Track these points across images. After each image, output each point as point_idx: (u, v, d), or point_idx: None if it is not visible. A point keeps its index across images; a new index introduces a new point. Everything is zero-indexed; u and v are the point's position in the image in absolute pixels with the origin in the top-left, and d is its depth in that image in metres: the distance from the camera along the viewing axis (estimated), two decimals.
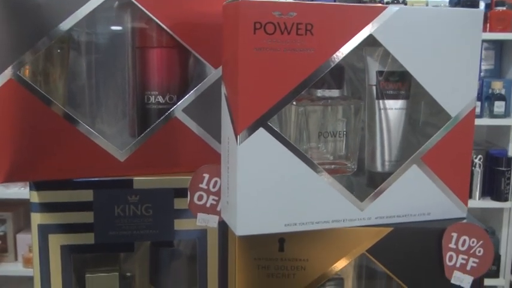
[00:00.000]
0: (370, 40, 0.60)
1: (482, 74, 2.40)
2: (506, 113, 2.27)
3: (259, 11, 0.55)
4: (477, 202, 2.28)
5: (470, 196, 2.21)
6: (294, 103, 0.62)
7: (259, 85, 0.57)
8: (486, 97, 2.29)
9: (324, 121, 0.65)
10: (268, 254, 0.63)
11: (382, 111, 0.66)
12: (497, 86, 2.27)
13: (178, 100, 0.73)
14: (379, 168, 0.68)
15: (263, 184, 0.58)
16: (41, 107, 0.66)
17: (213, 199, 0.69)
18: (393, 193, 0.63)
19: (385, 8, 0.60)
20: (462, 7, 1.75)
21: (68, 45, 0.73)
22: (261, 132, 0.57)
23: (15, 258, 2.29)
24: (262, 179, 0.58)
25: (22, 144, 0.66)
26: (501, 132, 2.36)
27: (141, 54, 0.74)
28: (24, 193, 2.10)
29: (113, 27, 0.77)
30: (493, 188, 2.30)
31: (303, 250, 0.63)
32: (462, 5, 2.21)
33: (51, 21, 0.66)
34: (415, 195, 0.64)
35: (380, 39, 0.60)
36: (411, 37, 0.61)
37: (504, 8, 2.25)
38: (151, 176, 0.71)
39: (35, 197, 0.69)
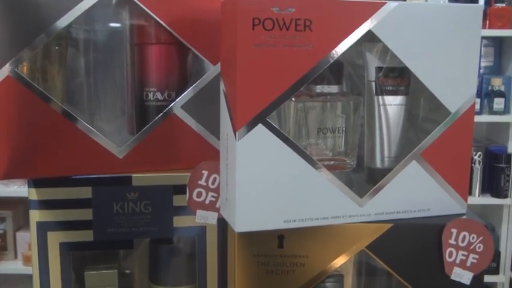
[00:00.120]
0: (369, 36, 0.60)
1: (481, 71, 2.39)
2: (505, 110, 2.27)
3: (257, 7, 0.55)
4: (477, 199, 2.28)
5: (470, 193, 2.21)
6: (293, 99, 0.62)
7: (257, 81, 0.56)
8: (486, 94, 2.29)
9: (323, 117, 0.65)
10: (267, 251, 0.63)
11: (381, 107, 0.66)
12: (496, 83, 2.27)
13: (177, 97, 0.73)
14: (378, 164, 0.67)
15: (262, 180, 0.58)
16: (39, 104, 0.66)
17: (212, 196, 0.69)
18: (393, 189, 0.63)
19: (384, 4, 0.60)
20: (461, 3, 1.75)
21: (66, 42, 0.72)
22: (260, 128, 0.57)
23: (14, 256, 2.29)
24: (261, 176, 0.58)
25: (20, 141, 0.66)
26: (501, 129, 2.36)
27: (140, 50, 0.74)
28: (23, 191, 2.10)
29: (111, 24, 0.77)
30: (493, 185, 2.30)
31: (303, 247, 0.63)
32: (461, 1, 2.20)
33: (49, 17, 0.66)
34: (415, 191, 0.64)
35: (379, 35, 0.60)
36: (410, 33, 0.61)
37: (503, 5, 2.25)
38: (150, 173, 0.71)
39: (34, 194, 0.69)
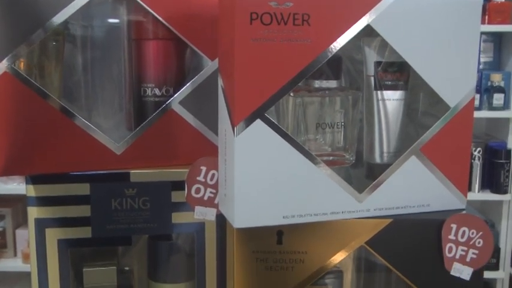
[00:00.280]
0: (368, 30, 0.59)
1: (481, 67, 2.39)
2: (505, 106, 2.26)
3: (255, 2, 0.55)
4: (476, 195, 2.28)
5: (469, 189, 2.21)
6: (292, 94, 0.61)
7: (256, 76, 0.56)
8: (485, 89, 2.28)
9: (322, 112, 0.64)
10: (266, 247, 0.62)
11: (380, 102, 0.66)
12: (496, 79, 2.27)
13: (174, 92, 0.72)
14: (377, 159, 0.67)
15: (261, 176, 0.58)
16: (37, 100, 0.66)
17: (211, 192, 0.68)
18: (392, 185, 0.63)
19: None
20: None
21: (63, 37, 0.72)
22: (258, 123, 0.57)
23: (14, 254, 2.29)
24: (259, 171, 0.58)
25: (18, 137, 0.66)
26: (500, 124, 2.36)
27: (137, 46, 0.73)
28: (22, 189, 2.06)
29: (109, 19, 0.77)
30: (493, 181, 2.30)
31: (302, 243, 0.62)
32: None
33: (46, 13, 0.65)
34: (414, 186, 0.64)
35: (378, 29, 0.60)
36: (409, 27, 0.61)
37: (503, 0, 2.24)
38: (148, 169, 0.70)
39: (32, 191, 0.69)
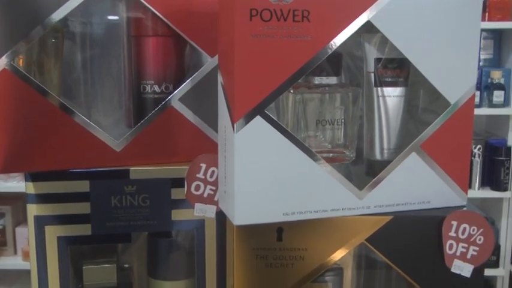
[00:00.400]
0: (368, 27, 0.59)
1: (481, 64, 2.39)
2: (505, 103, 2.26)
3: None
4: (477, 192, 2.28)
5: (469, 186, 2.21)
6: (291, 91, 0.61)
7: (255, 73, 0.56)
8: (485, 86, 2.28)
9: (322, 109, 0.64)
10: (266, 244, 0.62)
11: (380, 98, 0.65)
12: (496, 76, 2.26)
13: (174, 89, 0.72)
14: (377, 156, 0.67)
15: (261, 173, 0.58)
16: (36, 98, 0.66)
17: (211, 189, 0.68)
18: (392, 181, 0.63)
19: None
20: None
21: (62, 34, 0.72)
22: (258, 120, 0.57)
23: (14, 251, 2.29)
24: (259, 168, 0.57)
25: (17, 135, 0.66)
26: (500, 121, 2.36)
27: (137, 43, 0.73)
28: (22, 187, 2.07)
29: (108, 16, 0.76)
30: (493, 178, 2.30)
31: (302, 240, 0.62)
32: None
33: (45, 10, 0.65)
34: (415, 183, 0.64)
35: (378, 25, 0.59)
36: (410, 24, 0.60)
37: None
38: (148, 166, 0.70)
39: (31, 188, 0.69)
